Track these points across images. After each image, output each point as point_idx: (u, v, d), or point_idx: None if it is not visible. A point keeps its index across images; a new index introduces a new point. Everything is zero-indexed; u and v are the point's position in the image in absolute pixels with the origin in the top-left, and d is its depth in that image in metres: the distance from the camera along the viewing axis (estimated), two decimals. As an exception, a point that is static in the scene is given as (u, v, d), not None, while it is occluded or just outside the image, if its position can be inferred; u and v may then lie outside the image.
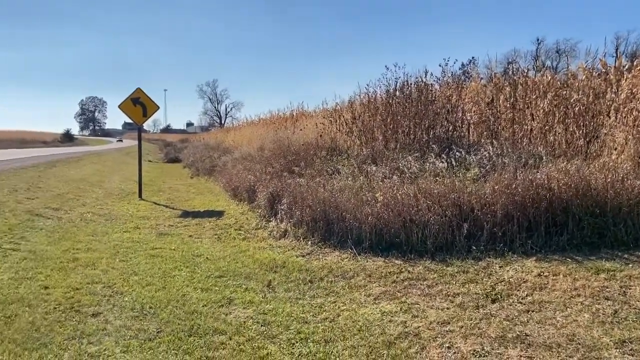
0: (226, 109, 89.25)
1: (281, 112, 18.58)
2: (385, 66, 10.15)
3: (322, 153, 9.84)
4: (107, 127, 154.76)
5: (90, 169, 20.13)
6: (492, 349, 3.60)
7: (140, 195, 12.71)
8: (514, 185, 6.07)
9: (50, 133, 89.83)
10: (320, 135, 10.56)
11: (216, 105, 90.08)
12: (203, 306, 4.62)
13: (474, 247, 5.71)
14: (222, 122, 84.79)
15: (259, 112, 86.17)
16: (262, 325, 4.19)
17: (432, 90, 9.76)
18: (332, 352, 3.70)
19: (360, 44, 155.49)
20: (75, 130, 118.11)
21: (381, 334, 3.97)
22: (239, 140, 21.65)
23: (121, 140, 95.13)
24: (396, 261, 5.71)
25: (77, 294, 4.89)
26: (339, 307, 4.60)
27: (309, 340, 3.90)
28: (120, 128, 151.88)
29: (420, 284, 5.02)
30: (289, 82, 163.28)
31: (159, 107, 13.39)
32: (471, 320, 4.10)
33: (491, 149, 7.34)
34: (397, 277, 5.23)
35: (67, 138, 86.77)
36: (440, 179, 6.65)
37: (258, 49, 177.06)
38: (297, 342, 3.87)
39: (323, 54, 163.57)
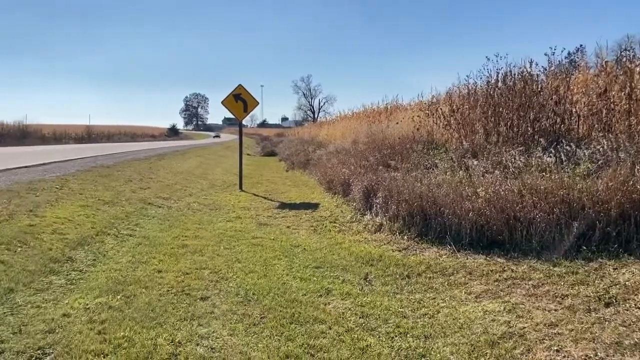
0: (319, 104, 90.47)
1: (375, 105, 18.51)
2: (486, 57, 9.76)
3: (418, 147, 9.68)
4: (208, 122, 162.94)
5: (194, 161, 21.31)
6: (607, 356, 3.37)
7: (240, 187, 13.26)
8: (631, 182, 5.61)
9: (158, 128, 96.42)
10: (417, 129, 10.38)
11: (310, 100, 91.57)
12: (303, 295, 4.74)
13: (584, 247, 5.35)
14: (315, 116, 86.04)
15: (351, 106, 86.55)
16: (360, 317, 4.22)
17: (537, 81, 9.25)
18: (432, 347, 3.65)
19: (457, 36, 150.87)
20: (180, 125, 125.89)
21: (483, 332, 3.85)
22: (332, 134, 21.86)
23: (218, 136, 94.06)
24: (498, 259, 5.50)
25: (186, 278, 5.21)
26: (438, 304, 4.52)
27: (408, 335, 3.87)
28: (221, 123, 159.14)
29: (525, 284, 4.80)
30: (382, 76, 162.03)
31: (258, 103, 13.87)
32: (582, 323, 3.85)
33: (605, 142, 6.82)
34: (499, 276, 5.04)
35: (173, 132, 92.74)
36: (547, 174, 6.29)
37: (352, 43, 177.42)
38: (396, 336, 3.86)
39: (418, 46, 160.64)
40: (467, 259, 5.67)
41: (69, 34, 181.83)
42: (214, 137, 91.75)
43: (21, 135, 39.25)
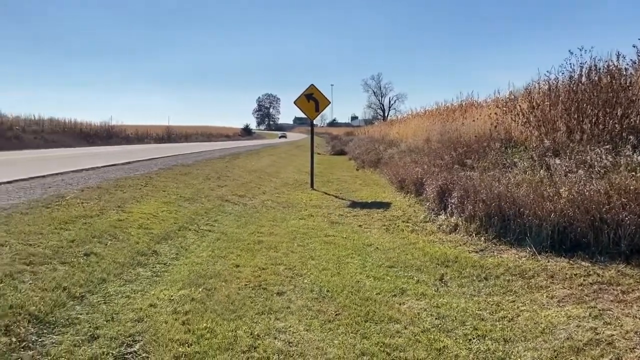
0: (389, 102, 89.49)
1: (448, 102, 18.08)
2: (569, 50, 9.27)
3: (495, 145, 9.38)
4: (280, 121, 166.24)
5: (267, 160, 21.81)
6: None
7: (312, 186, 13.43)
8: None
9: (232, 128, 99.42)
10: (495, 126, 10.04)
11: (380, 99, 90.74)
12: (377, 294, 4.74)
13: (681, 252, 4.98)
14: (385, 115, 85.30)
15: (423, 103, 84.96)
16: (436, 318, 4.16)
17: (625, 75, 8.68)
18: (512, 352, 3.54)
19: (534, 30, 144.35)
20: (252, 125, 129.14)
21: (567, 338, 3.69)
22: (404, 132, 21.59)
23: (285, 136, 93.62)
24: (582, 263, 5.23)
25: (263, 273, 5.36)
26: (518, 307, 4.38)
27: (486, 338, 3.78)
28: (292, 122, 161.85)
29: (613, 289, 4.54)
30: (454, 73, 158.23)
31: (330, 102, 13.97)
32: (679, 334, 3.60)
33: None
34: (584, 280, 4.79)
35: (246, 132, 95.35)
36: (638, 173, 5.90)
37: (423, 40, 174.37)
38: (474, 338, 3.78)
39: (492, 42, 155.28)
40: (548, 261, 5.44)
41: (152, 39, 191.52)
42: (280, 137, 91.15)
43: (107, 135, 41.73)
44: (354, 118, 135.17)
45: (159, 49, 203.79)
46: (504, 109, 10.45)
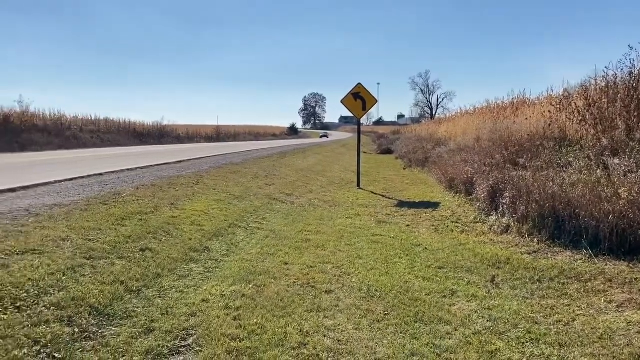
0: (437, 100, 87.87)
1: (499, 100, 17.62)
2: (629, 46, 8.86)
3: (549, 144, 9.08)
4: (325, 120, 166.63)
5: (313, 159, 21.92)
6: None
7: (358, 184, 13.41)
8: None
9: (279, 127, 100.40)
10: (549, 124, 9.71)
11: (427, 97, 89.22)
12: (426, 295, 4.70)
13: None
14: (433, 113, 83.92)
15: (472, 101, 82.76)
16: (488, 321, 4.08)
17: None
18: (568, 357, 3.43)
19: (590, 26, 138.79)
20: (299, 124, 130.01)
21: (627, 345, 3.54)
22: (452, 131, 21.21)
23: (326, 136, 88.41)
24: (644, 267, 5.01)
25: (311, 271, 5.40)
26: (573, 311, 4.24)
27: (540, 342, 3.68)
28: (337, 121, 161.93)
29: (678, 296, 4.32)
30: (504, 70, 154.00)
31: (377, 101, 13.91)
32: None
33: None
34: (645, 285, 4.59)
35: (293, 131, 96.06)
36: None
37: (472, 38, 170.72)
38: (527, 342, 3.69)
39: (546, 38, 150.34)
40: (606, 265, 5.24)
41: (202, 40, 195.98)
42: (322, 136, 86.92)
43: (159, 134, 42.94)
44: (400, 116, 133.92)
45: (210, 49, 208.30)
46: (558, 106, 10.09)
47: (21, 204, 6.74)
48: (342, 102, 13.78)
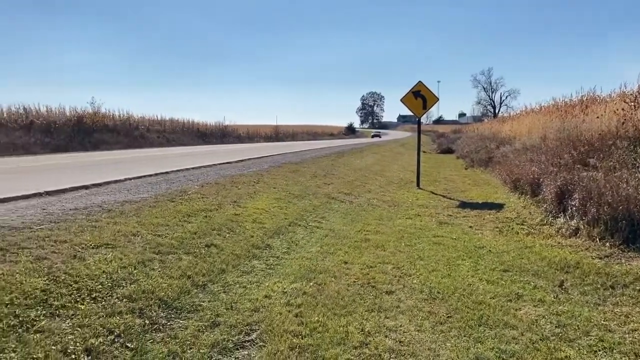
0: (500, 98, 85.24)
1: (567, 98, 16.87)
2: None
3: (622, 143, 8.61)
4: (383, 119, 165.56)
5: (371, 158, 21.83)
6: None
7: (418, 184, 13.23)
8: None
9: (336, 126, 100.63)
10: (622, 123, 9.21)
11: (490, 95, 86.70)
12: (490, 298, 4.57)
13: None
14: (496, 111, 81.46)
15: (538, 99, 79.71)
16: (556, 327, 3.93)
17: None
18: (646, 369, 3.25)
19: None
20: (356, 123, 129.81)
21: None
22: (517, 130, 20.51)
23: (378, 135, 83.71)
24: None
25: (371, 271, 5.38)
26: (651, 320, 4.00)
27: (614, 351, 3.50)
28: (395, 120, 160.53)
29: None
30: (572, 67, 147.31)
31: (438, 99, 13.67)
32: None
33: None
34: None
35: (350, 130, 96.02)
36: None
37: (536, 34, 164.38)
38: (599, 350, 3.52)
39: (614, 31, 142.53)
40: (688, 272, 4.91)
41: (261, 42, 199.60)
42: (373, 136, 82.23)
43: (221, 134, 44.14)
44: (461, 115, 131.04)
45: (268, 51, 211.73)
46: (633, 103, 9.55)
47: (95, 200, 7.12)
48: (401, 100, 13.65)
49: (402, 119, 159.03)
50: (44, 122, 25.12)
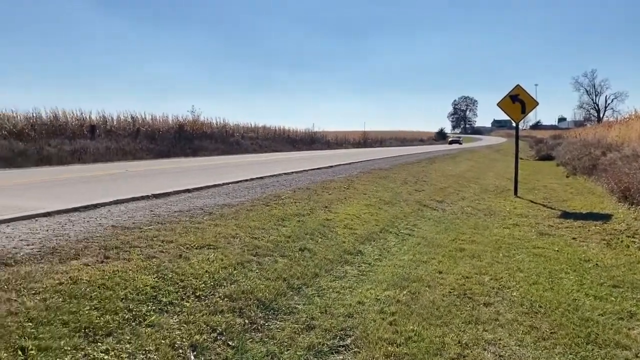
0: (606, 101, 79.37)
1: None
2: None
3: None
4: (477, 124, 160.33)
5: (465, 165, 21.20)
6: None
7: (515, 193, 12.65)
8: None
9: (426, 132, 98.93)
10: None
11: (593, 98, 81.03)
12: (599, 315, 4.27)
13: None
14: (601, 115, 76.02)
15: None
16: (678, 351, 3.59)
17: None
18: None
19: None
20: (447, 128, 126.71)
21: None
22: (626, 135, 19.02)
23: (458, 142, 72.05)
24: None
25: (467, 282, 5.22)
26: None
27: None
28: (489, 125, 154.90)
29: None
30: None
31: (537, 103, 13.01)
32: None
33: None
34: None
35: (441, 136, 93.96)
36: None
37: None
38: None
39: None
40: None
41: (348, 47, 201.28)
42: (451, 142, 72.34)
43: (310, 140, 45.03)
44: (561, 119, 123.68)
45: (356, 56, 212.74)
46: None
47: (197, 203, 7.52)
48: (498, 105, 13.14)
49: (497, 123, 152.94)
50: (149, 130, 27.01)
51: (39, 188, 9.32)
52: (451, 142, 72.18)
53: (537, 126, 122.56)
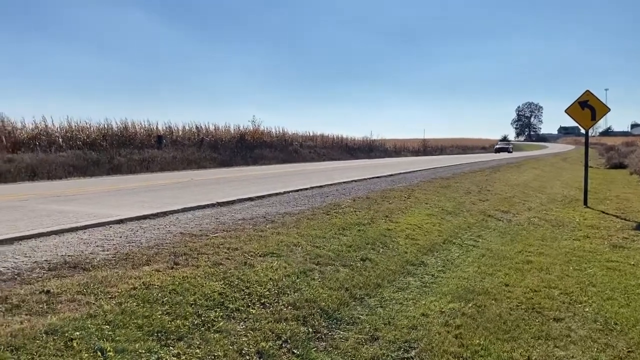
0: (686, 105, 74.33)
1: None
2: None
3: None
4: (542, 132, 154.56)
5: (530, 174, 20.46)
6: None
7: (585, 203, 12.08)
8: None
9: (488, 139, 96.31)
10: None
11: (671, 102, 76.14)
12: (683, 336, 4.00)
13: None
14: (679, 121, 71.24)
15: None
16: None
17: None
18: None
19: None
20: (510, 136, 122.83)
21: None
22: None
23: (507, 150, 59.82)
24: None
25: (535, 295, 5.04)
26: None
27: None
28: (556, 132, 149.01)
29: None
30: None
31: (609, 110, 12.39)
32: None
33: None
34: None
35: (503, 144, 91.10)
36: None
37: None
38: None
39: None
40: None
41: (408, 56, 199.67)
42: (497, 150, 59.68)
43: (368, 148, 44.92)
44: (634, 126, 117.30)
45: (417, 63, 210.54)
46: None
47: (259, 211, 7.68)
48: (566, 111, 12.62)
49: (563, 130, 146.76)
50: (212, 140, 27.87)
51: (111, 196, 9.81)
52: (498, 150, 59.84)
53: (607, 133, 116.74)
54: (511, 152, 58.30)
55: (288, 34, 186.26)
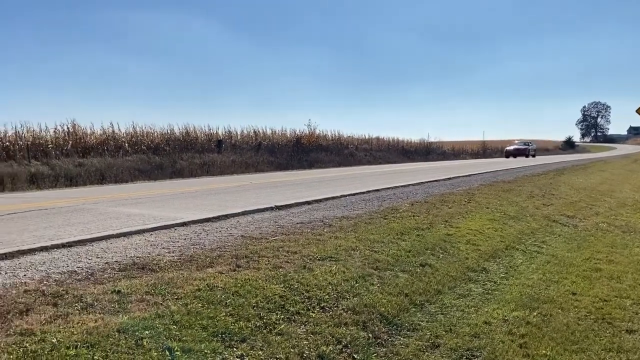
0: None
1: None
2: None
3: None
4: (609, 132, 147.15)
5: (597, 177, 19.53)
6: None
7: (659, 208, 11.41)
8: None
9: (551, 141, 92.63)
10: None
11: None
12: None
13: None
14: None
15: None
16: None
17: None
18: None
19: None
20: (576, 137, 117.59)
21: None
22: None
23: (525, 154, 44.01)
24: None
25: (605, 305, 4.82)
26: None
27: None
28: (625, 133, 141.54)
29: None
30: None
31: (686, 108, 11.65)
32: None
33: None
34: None
35: (568, 145, 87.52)
36: None
37: None
38: None
39: None
40: None
41: (466, 57, 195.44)
42: (507, 155, 44.72)
43: (425, 151, 44.23)
44: None
45: (476, 64, 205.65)
46: None
47: (316, 215, 7.74)
48: (637, 112, 11.99)
49: (634, 131, 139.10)
50: (269, 143, 28.35)
51: (174, 199, 10.16)
52: (510, 154, 44.43)
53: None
54: (534, 155, 45.46)
55: (347, 38, 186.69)
